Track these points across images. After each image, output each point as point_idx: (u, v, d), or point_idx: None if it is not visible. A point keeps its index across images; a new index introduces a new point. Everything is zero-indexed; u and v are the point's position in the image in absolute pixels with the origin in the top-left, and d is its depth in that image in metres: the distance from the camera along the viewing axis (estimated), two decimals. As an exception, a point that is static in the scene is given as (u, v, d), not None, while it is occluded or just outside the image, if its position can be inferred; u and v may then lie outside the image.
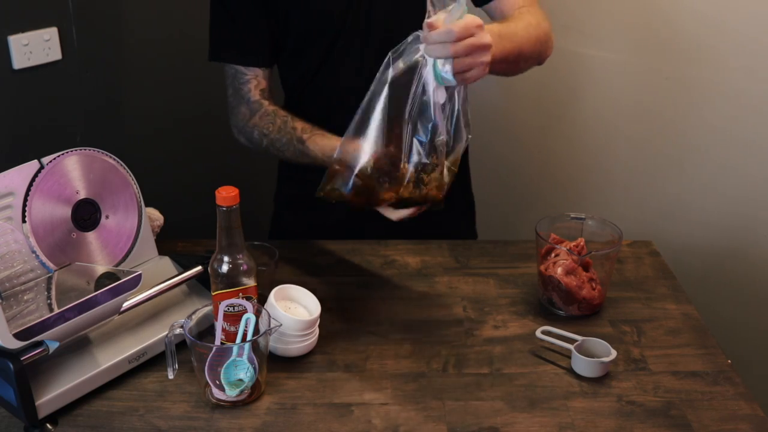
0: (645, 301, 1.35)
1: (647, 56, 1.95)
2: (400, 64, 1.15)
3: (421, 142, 1.17)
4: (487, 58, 1.13)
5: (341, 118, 1.47)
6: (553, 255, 1.30)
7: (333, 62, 1.46)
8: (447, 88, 1.15)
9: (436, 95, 1.15)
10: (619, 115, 2.05)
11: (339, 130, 1.38)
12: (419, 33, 1.13)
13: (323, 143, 1.34)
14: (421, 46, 1.13)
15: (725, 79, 1.86)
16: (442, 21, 1.09)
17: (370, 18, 1.43)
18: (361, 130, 1.18)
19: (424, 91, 1.15)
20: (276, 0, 1.41)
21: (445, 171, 1.20)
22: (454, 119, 1.19)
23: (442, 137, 1.18)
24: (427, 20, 1.09)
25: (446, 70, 1.12)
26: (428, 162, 1.18)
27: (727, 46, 1.84)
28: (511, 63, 1.31)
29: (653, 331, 1.27)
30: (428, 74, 1.13)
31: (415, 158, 1.17)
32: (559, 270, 1.28)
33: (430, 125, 1.16)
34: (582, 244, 1.31)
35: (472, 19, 1.11)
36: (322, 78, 1.47)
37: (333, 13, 1.42)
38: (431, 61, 1.12)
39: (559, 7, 2.04)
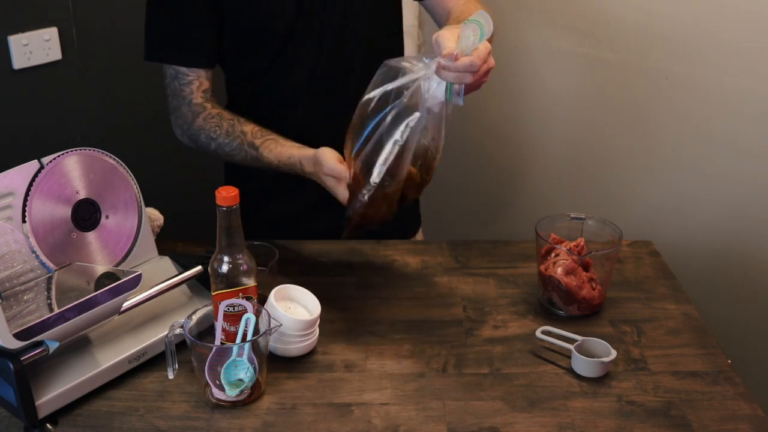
0: (645, 301, 1.35)
1: (647, 56, 1.95)
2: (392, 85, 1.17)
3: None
4: (488, 78, 1.18)
5: (292, 119, 1.47)
6: (553, 255, 1.31)
7: (284, 63, 1.43)
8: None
9: (437, 107, 1.18)
10: (619, 115, 2.05)
11: (289, 131, 1.37)
12: (390, 62, 1.17)
13: (278, 150, 1.33)
14: (425, 67, 1.15)
15: (725, 79, 1.86)
16: (456, 49, 1.11)
17: (322, 20, 1.40)
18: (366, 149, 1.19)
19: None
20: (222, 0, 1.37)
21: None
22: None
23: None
24: (444, 51, 1.10)
25: (457, 91, 1.15)
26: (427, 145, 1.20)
27: (727, 46, 1.84)
28: None
29: (653, 331, 1.27)
30: (436, 92, 1.16)
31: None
32: (559, 270, 1.28)
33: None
34: (582, 244, 1.31)
35: (486, 46, 1.14)
36: (272, 78, 1.45)
37: (282, 15, 1.38)
38: (442, 83, 1.15)
39: (559, 7, 2.04)
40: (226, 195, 1.07)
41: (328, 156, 1.25)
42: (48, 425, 1.06)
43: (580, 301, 1.28)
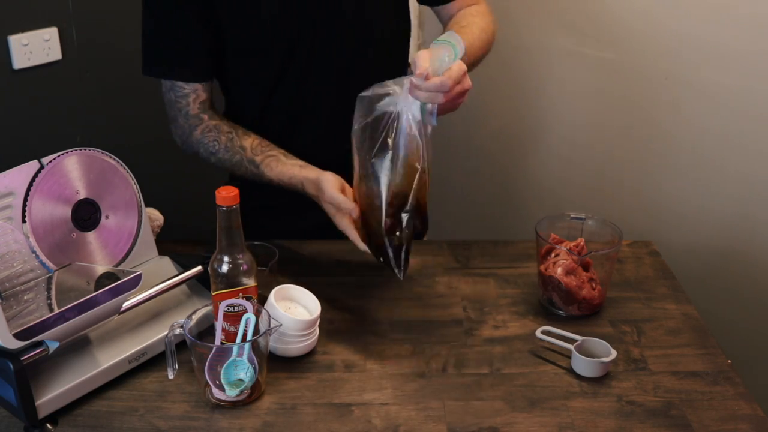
0: (645, 301, 1.35)
1: (647, 56, 1.95)
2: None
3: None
4: (464, 98, 1.18)
5: (298, 140, 1.42)
6: (553, 255, 1.30)
7: (288, 82, 1.40)
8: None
9: (418, 127, 1.18)
10: (619, 115, 2.05)
11: (296, 151, 1.34)
12: (395, 87, 1.15)
13: (279, 169, 1.32)
14: (402, 88, 1.15)
15: (725, 79, 1.86)
16: (428, 68, 1.11)
17: (328, 30, 1.38)
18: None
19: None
20: (218, 16, 1.34)
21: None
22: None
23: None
24: (417, 71, 1.11)
25: (430, 111, 1.16)
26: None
27: (727, 46, 1.84)
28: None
29: (653, 331, 1.27)
30: (412, 113, 1.16)
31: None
32: (559, 270, 1.28)
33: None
34: (582, 244, 1.31)
35: (459, 66, 1.14)
36: (278, 99, 1.42)
37: (283, 31, 1.36)
38: (417, 103, 1.15)
39: (559, 7, 2.04)
40: (226, 195, 1.07)
41: (329, 184, 1.23)
42: (48, 425, 1.06)
43: (580, 301, 1.28)
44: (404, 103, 1.14)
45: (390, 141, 1.15)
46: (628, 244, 1.51)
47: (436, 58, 1.12)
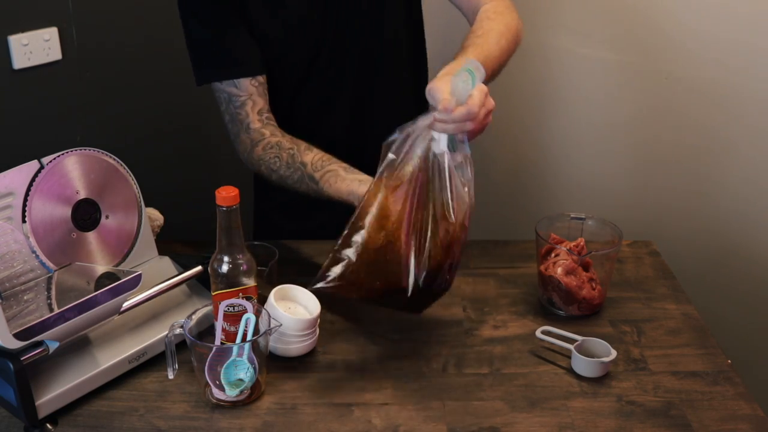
0: (645, 301, 1.35)
1: (647, 56, 1.95)
2: (417, 155, 1.13)
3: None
4: (490, 118, 1.16)
5: (333, 122, 1.45)
6: (553, 255, 1.30)
7: (318, 72, 1.43)
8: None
9: (452, 160, 1.14)
10: (619, 115, 2.05)
11: (331, 131, 1.38)
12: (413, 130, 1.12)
13: (337, 186, 1.26)
14: (425, 126, 1.12)
15: (725, 79, 1.86)
16: (451, 99, 1.08)
17: (348, 36, 1.41)
18: None
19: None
20: (250, 14, 1.35)
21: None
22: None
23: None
24: (440, 105, 1.08)
25: (460, 139, 1.14)
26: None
27: (727, 46, 1.84)
28: (488, 79, 1.31)
29: (653, 331, 1.27)
30: (440, 147, 1.12)
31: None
32: (559, 270, 1.28)
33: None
34: (582, 244, 1.31)
35: (480, 90, 1.11)
36: (309, 88, 1.45)
37: (307, 26, 1.39)
38: (444, 136, 1.12)
39: (559, 7, 2.04)
40: (226, 195, 1.07)
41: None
42: (48, 425, 1.06)
43: (580, 301, 1.28)
44: (427, 141, 1.11)
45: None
46: (628, 244, 1.51)
47: (455, 90, 1.09)
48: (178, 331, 1.08)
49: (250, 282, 1.12)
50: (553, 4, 2.06)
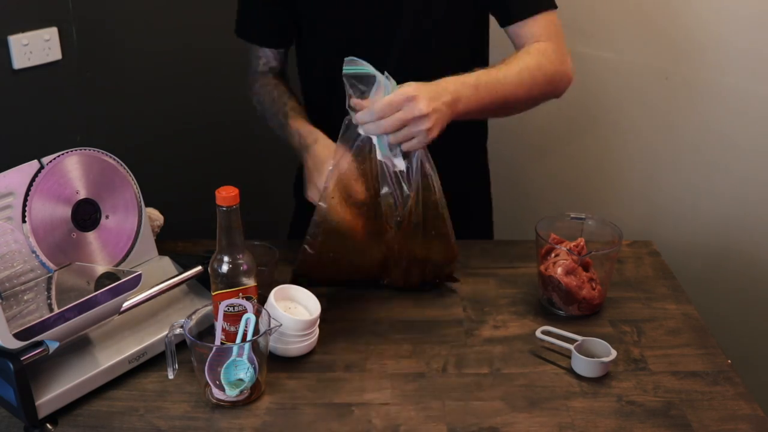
0: (645, 301, 1.35)
1: (647, 56, 1.95)
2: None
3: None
4: (425, 125, 1.16)
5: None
6: (553, 255, 1.30)
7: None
8: (404, 155, 1.22)
9: (393, 165, 1.22)
10: (619, 115, 2.05)
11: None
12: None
13: (299, 125, 1.40)
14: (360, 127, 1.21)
15: (725, 79, 1.86)
16: (365, 100, 1.17)
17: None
18: None
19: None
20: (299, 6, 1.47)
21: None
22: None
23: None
24: (350, 102, 1.17)
25: (384, 143, 1.19)
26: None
27: (727, 46, 1.84)
28: (496, 110, 1.34)
29: (653, 331, 1.27)
30: (378, 154, 1.22)
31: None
32: (559, 270, 1.28)
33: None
34: (582, 244, 1.31)
35: (398, 93, 1.16)
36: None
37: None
38: (374, 138, 1.20)
39: (560, 7, 2.04)
40: (226, 195, 1.07)
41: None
42: (48, 425, 1.06)
43: (580, 301, 1.28)
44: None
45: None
46: (628, 244, 1.51)
47: (372, 97, 1.17)
48: (178, 331, 1.08)
49: (250, 282, 1.12)
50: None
